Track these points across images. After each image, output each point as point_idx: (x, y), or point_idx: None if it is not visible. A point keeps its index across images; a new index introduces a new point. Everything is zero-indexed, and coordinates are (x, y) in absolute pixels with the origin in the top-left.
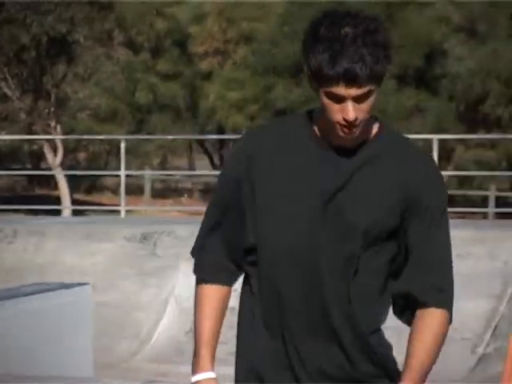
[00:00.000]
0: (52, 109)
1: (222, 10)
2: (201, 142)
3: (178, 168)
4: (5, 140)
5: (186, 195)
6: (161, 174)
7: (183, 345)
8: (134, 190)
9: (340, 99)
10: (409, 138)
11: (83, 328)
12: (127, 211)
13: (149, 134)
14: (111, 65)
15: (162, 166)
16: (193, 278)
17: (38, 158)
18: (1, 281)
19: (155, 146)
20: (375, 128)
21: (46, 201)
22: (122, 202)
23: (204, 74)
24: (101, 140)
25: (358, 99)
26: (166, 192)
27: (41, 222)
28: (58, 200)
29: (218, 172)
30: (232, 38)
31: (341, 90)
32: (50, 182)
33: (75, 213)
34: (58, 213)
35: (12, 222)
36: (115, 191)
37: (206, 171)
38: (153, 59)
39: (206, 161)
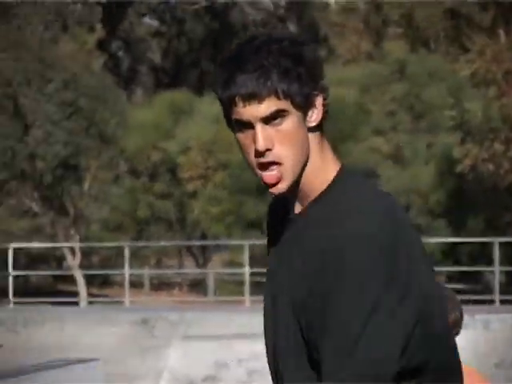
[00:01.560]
0: (70, 222)
1: (203, 145)
2: (188, 247)
3: (170, 267)
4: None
5: (177, 288)
6: (157, 272)
7: None
8: (136, 284)
9: (247, 125)
10: (350, 208)
11: None
12: (131, 301)
13: (147, 241)
14: (117, 187)
15: (158, 265)
16: (182, 353)
17: (60, 260)
18: (34, 357)
19: (152, 250)
20: (324, 184)
21: (66, 294)
22: (127, 295)
23: (190, 193)
24: (109, 247)
25: (267, 121)
26: (161, 286)
27: (63, 310)
28: (76, 293)
29: (202, 270)
30: (212, 165)
31: (241, 111)
32: (70, 279)
33: (90, 303)
34: (76, 304)
35: (41, 311)
36: (122, 285)
37: (192, 269)
38: (150, 183)
39: (193, 261)
